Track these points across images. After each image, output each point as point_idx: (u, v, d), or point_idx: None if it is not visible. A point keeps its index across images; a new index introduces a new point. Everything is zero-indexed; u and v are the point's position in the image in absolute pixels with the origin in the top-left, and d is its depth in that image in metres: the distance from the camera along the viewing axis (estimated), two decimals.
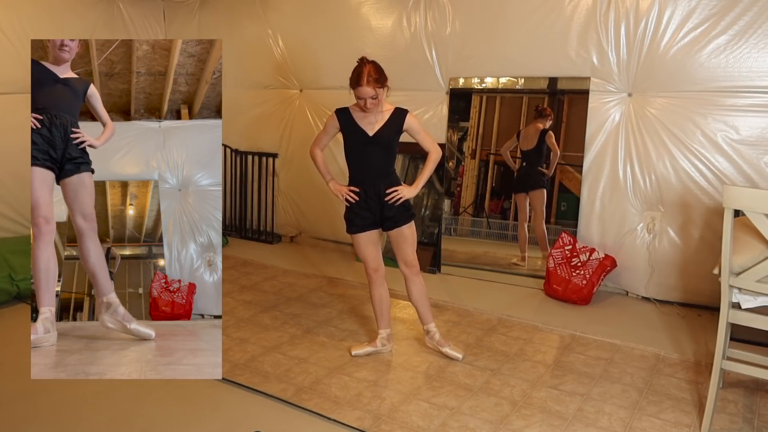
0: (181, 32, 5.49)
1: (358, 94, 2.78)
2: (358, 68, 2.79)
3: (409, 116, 2.90)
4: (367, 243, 3.02)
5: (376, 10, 4.53)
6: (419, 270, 3.02)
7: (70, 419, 2.47)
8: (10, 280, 3.67)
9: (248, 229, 5.43)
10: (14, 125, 4.28)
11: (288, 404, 2.60)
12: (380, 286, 3.06)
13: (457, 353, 3.00)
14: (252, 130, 5.28)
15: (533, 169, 4.13)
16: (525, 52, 3.98)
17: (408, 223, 2.96)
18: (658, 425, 2.46)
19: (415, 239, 3.01)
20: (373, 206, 2.93)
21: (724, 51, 3.38)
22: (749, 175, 3.39)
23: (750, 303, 2.25)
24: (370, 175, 2.92)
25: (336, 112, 2.96)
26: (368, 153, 2.91)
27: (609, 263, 3.78)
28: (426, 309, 3.05)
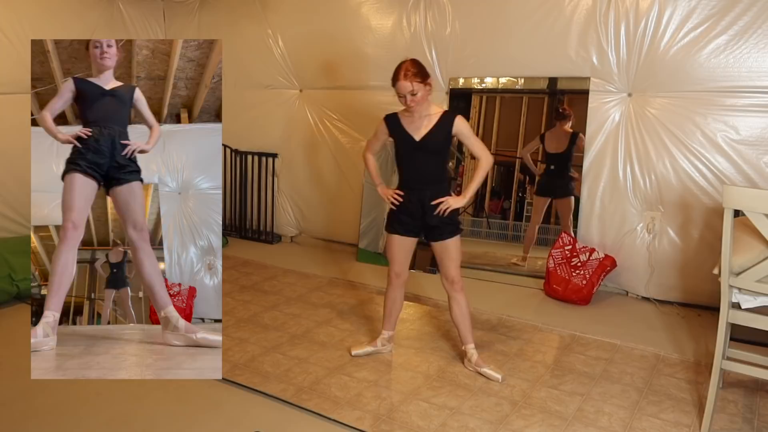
0: (181, 32, 5.49)
1: (398, 90, 2.70)
2: (398, 65, 2.71)
3: (458, 119, 2.77)
4: (400, 247, 2.93)
5: (376, 10, 4.53)
6: (463, 287, 2.88)
7: (70, 419, 2.47)
8: (10, 280, 3.68)
9: (248, 229, 5.43)
10: (14, 125, 4.27)
11: (288, 404, 2.60)
12: (397, 290, 3.00)
13: (497, 374, 2.82)
14: (252, 130, 5.28)
15: (563, 175, 3.99)
16: (525, 52, 3.98)
17: (453, 236, 2.83)
18: (658, 425, 2.46)
19: (460, 254, 2.88)
20: (415, 212, 2.83)
21: (724, 51, 3.38)
22: (749, 175, 3.39)
23: (750, 303, 2.25)
24: (416, 181, 2.82)
25: (385, 117, 2.88)
26: (415, 159, 2.80)
27: (609, 263, 3.78)
28: (466, 329, 2.91)
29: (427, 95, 2.73)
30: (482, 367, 2.87)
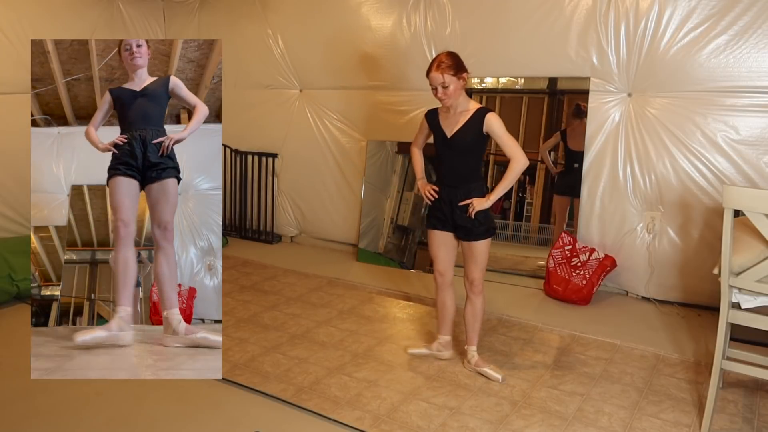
0: (181, 32, 5.49)
1: (430, 82, 2.66)
2: (434, 57, 2.69)
3: (489, 116, 2.66)
4: (440, 243, 2.87)
5: (376, 10, 4.53)
6: (481, 291, 2.85)
7: (70, 419, 2.47)
8: (10, 280, 3.68)
9: (248, 229, 5.43)
10: (14, 125, 4.28)
11: (288, 404, 2.60)
12: (444, 291, 2.94)
13: (497, 374, 2.81)
14: (252, 130, 5.28)
15: None
16: (525, 52, 3.98)
17: (480, 239, 2.76)
18: (658, 425, 2.46)
19: (485, 258, 2.81)
20: (445, 210, 2.79)
21: (724, 51, 3.38)
22: (749, 175, 3.39)
23: (750, 303, 2.25)
24: (447, 179, 2.78)
25: (426, 112, 2.87)
26: (447, 156, 2.77)
27: (609, 263, 3.78)
28: (473, 330, 2.89)
29: (461, 89, 2.69)
30: (482, 367, 2.86)
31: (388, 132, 4.64)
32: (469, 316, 2.89)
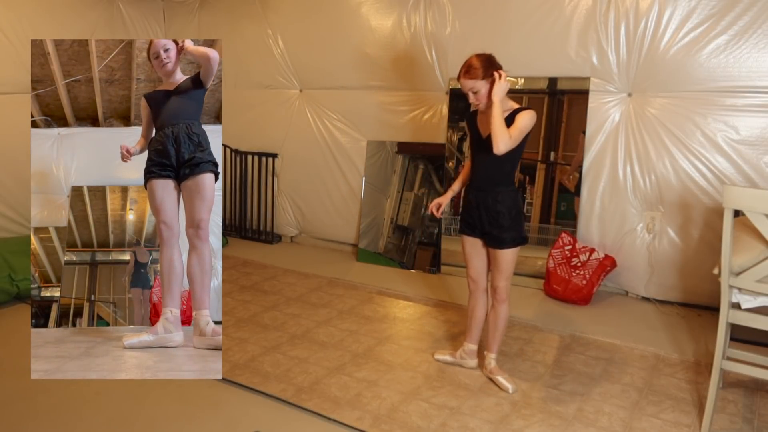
0: (181, 32, 5.49)
1: (461, 88, 2.62)
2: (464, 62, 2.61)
3: (520, 114, 2.54)
4: (471, 248, 2.80)
5: (376, 10, 4.53)
6: (505, 299, 2.75)
7: (70, 419, 2.47)
8: (10, 281, 3.68)
9: (248, 229, 5.44)
10: (14, 125, 4.28)
11: (288, 404, 2.60)
12: (476, 298, 2.87)
13: (509, 384, 2.73)
14: (252, 130, 5.28)
15: None
16: (525, 52, 3.98)
17: (507, 247, 2.66)
18: (658, 425, 2.46)
19: (511, 267, 2.71)
20: (474, 215, 2.71)
21: (724, 51, 3.38)
22: (749, 175, 3.39)
23: (750, 303, 2.25)
24: (479, 181, 2.70)
25: (467, 114, 2.79)
26: (480, 158, 2.68)
27: (609, 263, 3.78)
28: (493, 338, 2.81)
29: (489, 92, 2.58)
30: (496, 375, 2.80)
31: (388, 132, 4.65)
32: (491, 323, 2.82)
